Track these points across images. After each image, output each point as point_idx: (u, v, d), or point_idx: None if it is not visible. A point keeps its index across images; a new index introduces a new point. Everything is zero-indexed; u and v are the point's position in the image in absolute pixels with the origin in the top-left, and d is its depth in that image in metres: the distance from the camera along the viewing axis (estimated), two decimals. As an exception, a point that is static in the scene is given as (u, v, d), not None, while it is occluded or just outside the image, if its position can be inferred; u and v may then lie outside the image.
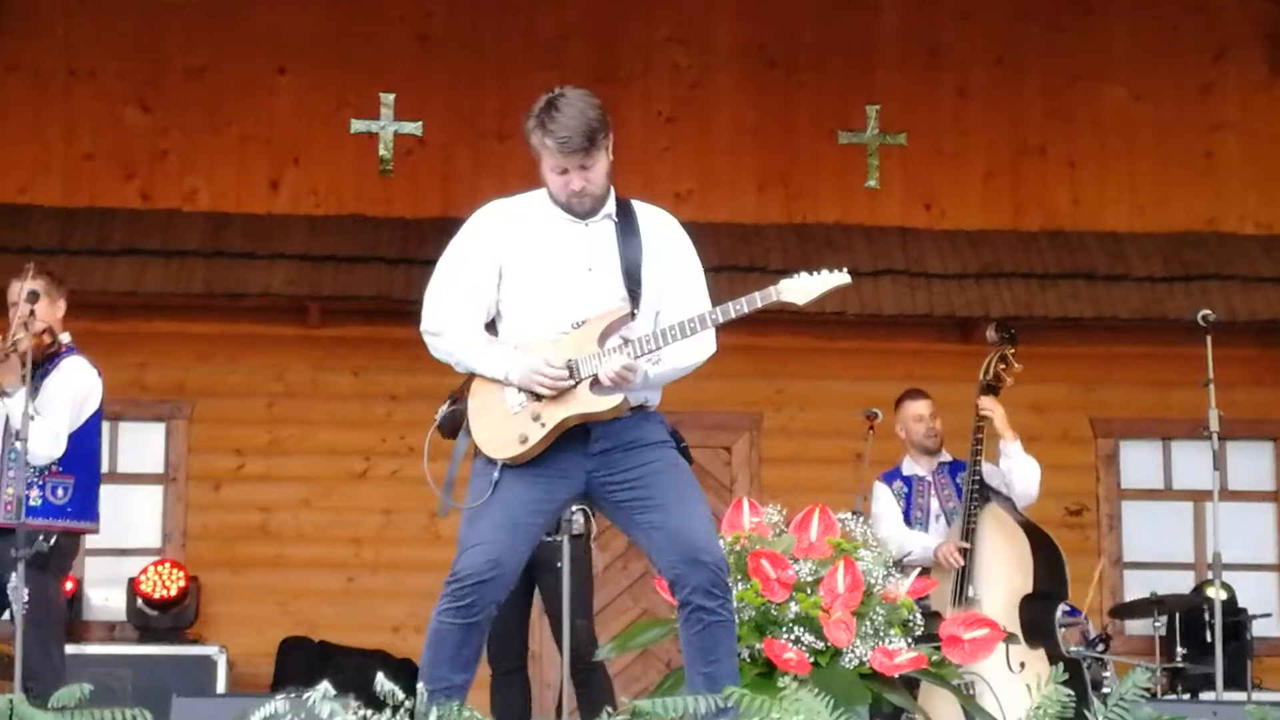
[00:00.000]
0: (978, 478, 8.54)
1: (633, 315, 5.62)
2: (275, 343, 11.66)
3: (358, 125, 10.82)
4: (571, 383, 5.49)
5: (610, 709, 4.84)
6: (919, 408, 9.06)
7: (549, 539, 6.98)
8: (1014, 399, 9.33)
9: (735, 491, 11.43)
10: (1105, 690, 8.58)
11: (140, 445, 11.67)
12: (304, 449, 11.60)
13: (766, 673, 5.47)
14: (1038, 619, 8.33)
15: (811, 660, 5.55)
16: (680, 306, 5.67)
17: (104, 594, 11.42)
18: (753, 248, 11.60)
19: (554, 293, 5.61)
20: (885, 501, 8.97)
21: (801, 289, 5.76)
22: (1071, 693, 4.47)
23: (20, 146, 11.54)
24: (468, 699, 5.25)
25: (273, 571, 11.52)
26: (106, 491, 11.44)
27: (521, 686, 8.02)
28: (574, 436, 5.55)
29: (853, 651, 5.52)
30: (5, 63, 11.48)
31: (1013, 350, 8.85)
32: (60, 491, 7.40)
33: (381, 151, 10.68)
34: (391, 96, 10.72)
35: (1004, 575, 8.41)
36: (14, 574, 7.02)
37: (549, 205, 5.70)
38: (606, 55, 11.87)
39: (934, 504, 8.94)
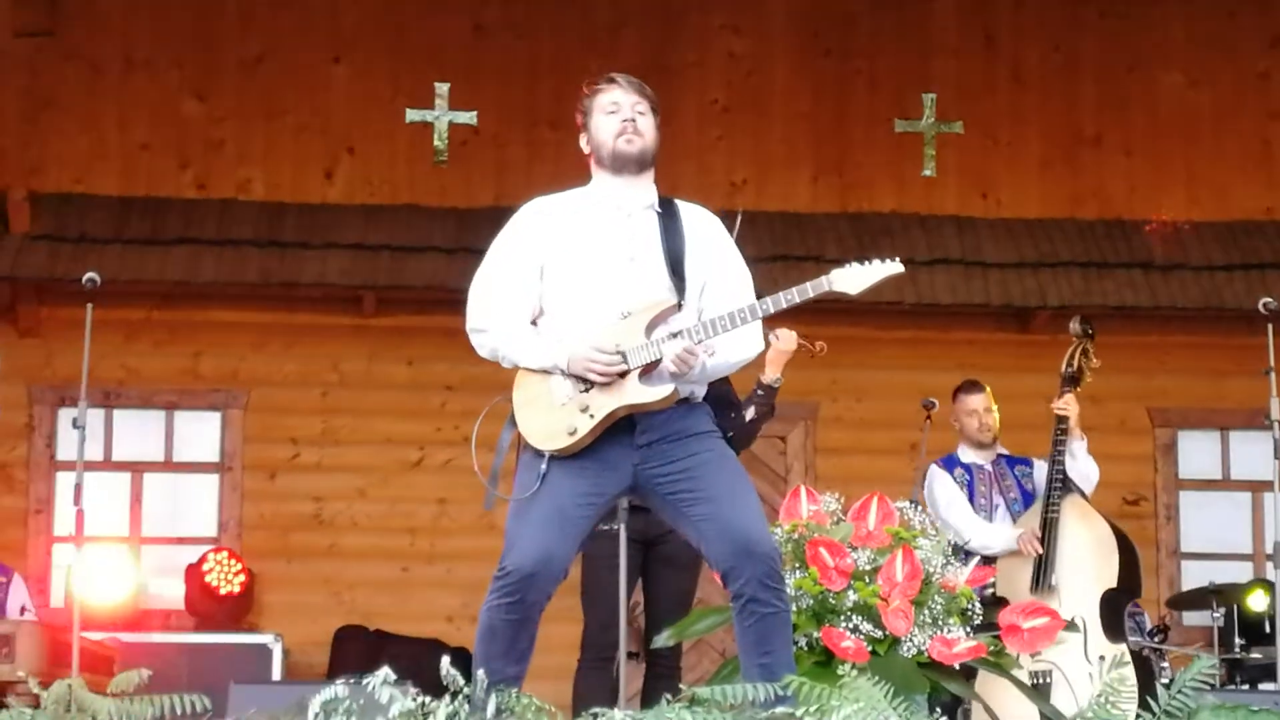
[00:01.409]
0: (1061, 467, 8.51)
1: (679, 306, 5.61)
2: (330, 332, 11.68)
3: (412, 115, 10.83)
4: (624, 369, 5.47)
5: (669, 696, 4.81)
6: (973, 402, 9.01)
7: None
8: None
9: (790, 481, 11.41)
10: (1163, 680, 8.54)
11: (196, 435, 11.72)
12: (358, 439, 11.62)
13: (824, 661, 5.46)
14: (1119, 615, 8.32)
15: (869, 649, 5.53)
16: (727, 302, 5.65)
17: (160, 583, 11.45)
18: (807, 237, 11.57)
19: (597, 284, 5.60)
20: (949, 488, 8.91)
21: (853, 279, 5.75)
22: (1134, 680, 4.44)
23: (77, 136, 11.57)
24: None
25: (327, 561, 11.55)
26: (162, 480, 11.67)
27: (610, 677, 7.94)
28: (620, 429, 5.53)
29: (911, 640, 5.50)
30: (62, 53, 11.51)
31: (1092, 344, 8.85)
32: None
33: (436, 141, 10.70)
34: (446, 86, 10.74)
35: (1087, 565, 8.38)
36: None
37: (592, 199, 5.73)
38: (661, 44, 11.85)
39: (995, 495, 8.90)
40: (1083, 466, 8.72)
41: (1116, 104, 12.06)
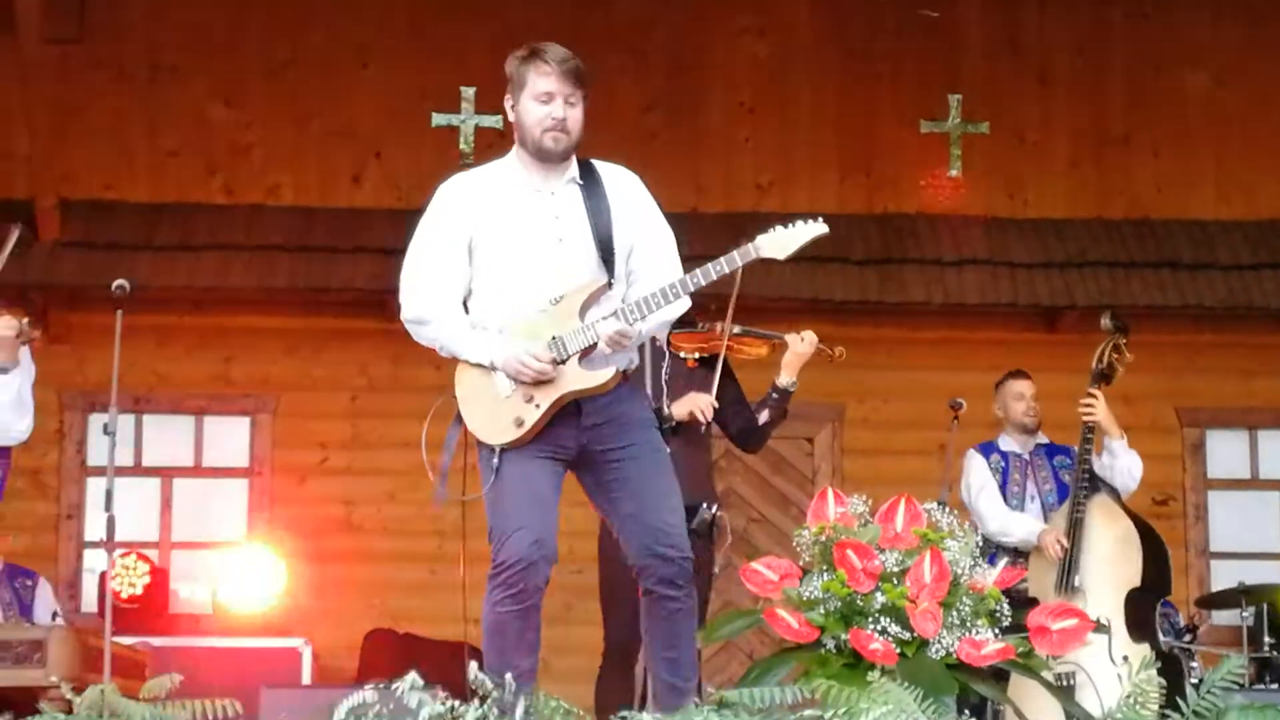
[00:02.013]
0: (1087, 468, 8.50)
1: (609, 285, 5.67)
2: (358, 337, 11.70)
3: (439, 119, 10.86)
4: (554, 373, 5.55)
5: (695, 699, 4.83)
6: (1021, 386, 9.04)
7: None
8: (1103, 388, 9.27)
9: (817, 483, 11.41)
10: (1192, 680, 8.53)
11: (225, 439, 11.76)
12: (387, 442, 11.63)
13: (853, 663, 5.45)
14: (1144, 614, 8.30)
15: (898, 651, 5.52)
16: (653, 267, 5.75)
17: (190, 587, 11.48)
18: (835, 238, 11.50)
19: (526, 268, 5.66)
20: (983, 474, 8.92)
21: (779, 243, 5.82)
22: (1164, 681, 4.44)
23: (105, 143, 11.62)
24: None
25: (356, 564, 11.57)
26: (192, 485, 11.71)
27: (633, 679, 7.94)
28: (566, 412, 5.63)
29: (939, 642, 5.48)
30: (89, 60, 11.55)
31: (1125, 340, 8.82)
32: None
33: (462, 144, 10.73)
34: (472, 90, 10.76)
35: (1112, 566, 8.37)
36: None
37: (513, 173, 5.77)
38: (687, 46, 11.87)
39: (1029, 485, 8.90)
40: (1123, 463, 8.70)
41: (1144, 104, 12.04)
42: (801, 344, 7.74)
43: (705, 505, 7.07)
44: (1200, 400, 11.92)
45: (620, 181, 5.86)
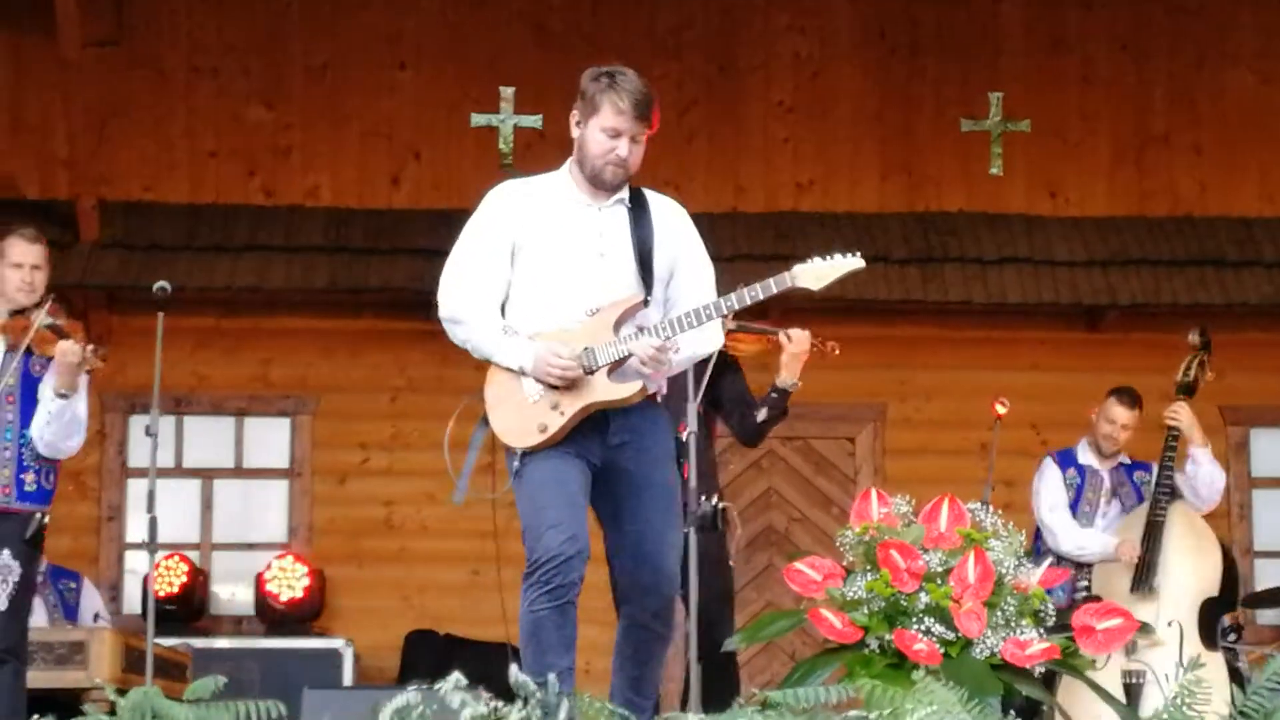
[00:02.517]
0: (1169, 473, 8.49)
1: (646, 302, 5.73)
2: (398, 338, 11.70)
3: (478, 119, 10.84)
4: (580, 373, 5.62)
5: (740, 699, 4.82)
6: (1118, 412, 8.95)
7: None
8: (1143, 387, 9.24)
9: (859, 483, 11.38)
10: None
11: (265, 441, 11.76)
12: (427, 443, 11.59)
13: (896, 663, 5.43)
14: (1215, 623, 8.32)
15: (942, 651, 5.50)
16: (688, 296, 5.79)
17: (230, 589, 11.50)
18: (875, 237, 11.52)
19: (566, 279, 5.72)
20: (1058, 491, 8.89)
21: (815, 273, 5.86)
22: (1209, 682, 4.41)
23: (145, 144, 11.65)
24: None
25: (397, 565, 11.57)
26: (232, 486, 11.71)
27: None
28: (594, 424, 5.71)
29: (984, 642, 5.46)
30: (129, 61, 11.58)
31: (1209, 355, 8.85)
32: (51, 477, 7.49)
33: (501, 145, 10.70)
34: (511, 90, 10.74)
35: (1191, 571, 8.37)
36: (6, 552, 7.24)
37: (564, 186, 5.82)
38: (726, 45, 11.85)
39: (1102, 500, 8.87)
40: (1206, 472, 8.68)
41: (1186, 101, 11.98)
42: (791, 343, 7.70)
43: (705, 497, 7.02)
44: (1244, 399, 11.84)
45: (667, 210, 5.93)
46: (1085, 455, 8.96)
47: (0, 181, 11.56)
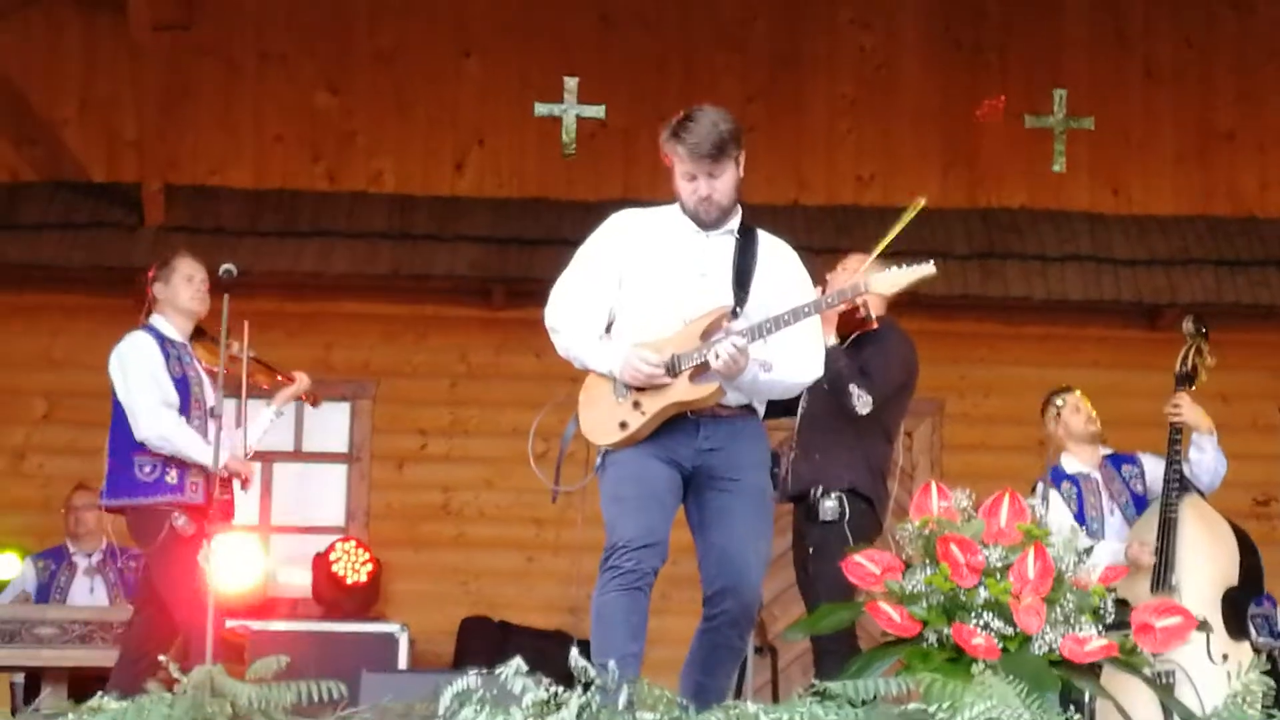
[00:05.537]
0: (1177, 468, 8.44)
1: (735, 314, 5.92)
2: (459, 324, 11.76)
3: (541, 109, 10.88)
4: (663, 375, 5.82)
5: (801, 690, 4.83)
6: (1074, 399, 8.86)
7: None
8: (1202, 387, 9.20)
9: (916, 478, 11.37)
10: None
11: (325, 425, 11.79)
12: (486, 430, 11.67)
13: (955, 658, 5.44)
14: (1241, 613, 8.25)
15: (1000, 646, 5.51)
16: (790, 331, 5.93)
17: (289, 571, 11.56)
18: (936, 232, 11.51)
19: (667, 294, 5.95)
20: (1060, 511, 8.80)
21: (889, 280, 6.08)
22: (1272, 682, 4.41)
23: (211, 129, 11.72)
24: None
25: (454, 551, 11.62)
26: (292, 470, 11.76)
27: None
28: (686, 430, 5.91)
29: (1043, 638, 5.47)
30: (198, 47, 11.65)
31: (1206, 343, 8.75)
32: None
33: (564, 135, 10.73)
34: (575, 80, 10.77)
35: (1208, 564, 8.30)
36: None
37: (677, 218, 6.05)
38: (790, 38, 11.85)
39: (1104, 500, 8.80)
40: (1210, 458, 8.62)
41: (1251, 99, 11.94)
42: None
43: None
44: (1307, 398, 11.80)
45: (776, 247, 6.14)
46: (1071, 464, 8.85)
47: (67, 164, 11.65)
